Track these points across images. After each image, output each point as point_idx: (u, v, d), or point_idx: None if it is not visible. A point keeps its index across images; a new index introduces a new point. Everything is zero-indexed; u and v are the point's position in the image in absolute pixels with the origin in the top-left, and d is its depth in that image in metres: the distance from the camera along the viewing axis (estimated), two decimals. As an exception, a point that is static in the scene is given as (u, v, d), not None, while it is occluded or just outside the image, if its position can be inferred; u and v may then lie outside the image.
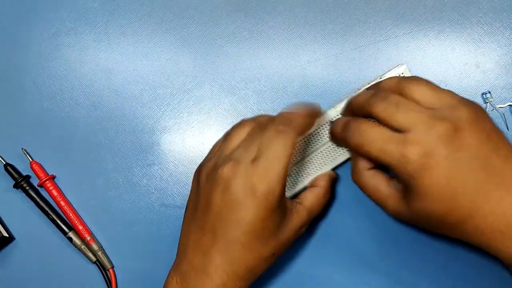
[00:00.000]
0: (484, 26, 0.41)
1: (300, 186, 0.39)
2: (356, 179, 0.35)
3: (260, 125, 0.35)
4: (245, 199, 0.32)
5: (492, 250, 0.31)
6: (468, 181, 0.30)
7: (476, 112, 0.31)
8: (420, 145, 0.30)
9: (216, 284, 0.33)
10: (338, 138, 0.35)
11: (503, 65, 0.41)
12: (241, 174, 0.32)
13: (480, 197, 0.30)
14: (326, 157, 0.39)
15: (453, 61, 0.41)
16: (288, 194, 0.39)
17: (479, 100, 0.41)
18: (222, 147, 0.36)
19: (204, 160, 0.37)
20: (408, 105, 0.31)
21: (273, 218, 0.33)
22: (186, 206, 0.37)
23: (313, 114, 0.36)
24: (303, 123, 0.35)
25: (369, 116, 0.33)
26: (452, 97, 0.32)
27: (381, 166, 0.34)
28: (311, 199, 0.37)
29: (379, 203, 0.34)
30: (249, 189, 0.32)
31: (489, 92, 0.40)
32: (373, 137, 0.31)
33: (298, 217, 0.35)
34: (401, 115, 0.31)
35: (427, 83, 0.33)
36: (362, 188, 0.35)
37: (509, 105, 0.40)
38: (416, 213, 0.31)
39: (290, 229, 0.35)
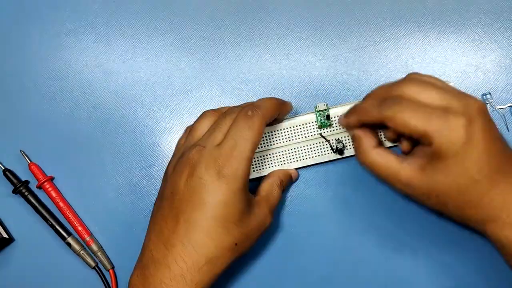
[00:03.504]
0: (484, 27, 0.41)
1: (257, 175, 0.40)
2: (363, 158, 0.35)
3: (224, 113, 0.35)
4: (211, 181, 0.32)
5: (493, 237, 0.32)
6: (492, 161, 0.31)
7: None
8: (464, 116, 0.31)
9: (174, 275, 0.32)
10: (369, 114, 0.34)
11: (503, 66, 0.41)
12: (207, 157, 0.33)
13: (493, 179, 0.31)
14: (295, 155, 0.40)
15: (454, 62, 0.41)
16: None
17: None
18: (187, 139, 0.36)
19: (171, 158, 0.38)
20: (432, 85, 0.33)
21: (236, 203, 0.33)
22: (154, 204, 0.37)
23: (281, 103, 0.37)
24: (271, 109, 0.35)
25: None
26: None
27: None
28: (266, 189, 0.37)
29: (390, 178, 0.34)
30: (214, 171, 0.32)
31: (489, 93, 0.40)
32: (415, 108, 0.32)
33: (258, 208, 0.35)
34: (432, 92, 0.32)
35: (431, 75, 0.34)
36: (370, 165, 0.34)
37: (509, 106, 0.40)
38: (434, 185, 0.32)
39: (253, 220, 0.34)
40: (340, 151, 0.39)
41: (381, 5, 0.42)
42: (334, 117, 0.39)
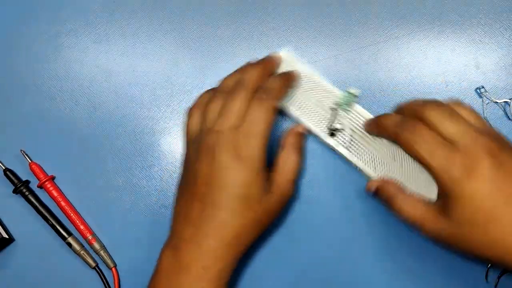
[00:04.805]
0: (484, 27, 0.41)
1: None
2: (396, 208, 0.36)
3: (230, 94, 0.36)
4: (230, 164, 0.34)
5: None
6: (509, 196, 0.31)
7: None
8: (467, 154, 0.31)
9: (204, 251, 0.34)
10: (387, 131, 0.36)
11: (503, 66, 0.41)
12: (225, 142, 0.34)
13: None
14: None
15: (453, 62, 0.41)
16: None
17: (474, 96, 0.41)
18: (202, 123, 0.37)
19: (186, 144, 0.38)
20: (458, 117, 0.33)
21: (256, 182, 0.35)
22: (177, 190, 0.38)
23: (289, 79, 0.39)
24: (282, 90, 0.37)
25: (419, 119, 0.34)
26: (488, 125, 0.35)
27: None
28: (282, 161, 0.38)
29: (416, 225, 0.35)
30: (233, 154, 0.34)
31: (483, 87, 0.40)
32: (425, 138, 0.33)
33: (277, 181, 0.37)
34: (451, 124, 0.33)
35: (471, 107, 0.35)
36: (398, 212, 0.35)
37: (504, 101, 0.40)
38: (457, 224, 0.32)
39: (274, 194, 0.36)
40: (332, 133, 0.39)
41: (381, 5, 0.42)
42: (352, 111, 0.39)
